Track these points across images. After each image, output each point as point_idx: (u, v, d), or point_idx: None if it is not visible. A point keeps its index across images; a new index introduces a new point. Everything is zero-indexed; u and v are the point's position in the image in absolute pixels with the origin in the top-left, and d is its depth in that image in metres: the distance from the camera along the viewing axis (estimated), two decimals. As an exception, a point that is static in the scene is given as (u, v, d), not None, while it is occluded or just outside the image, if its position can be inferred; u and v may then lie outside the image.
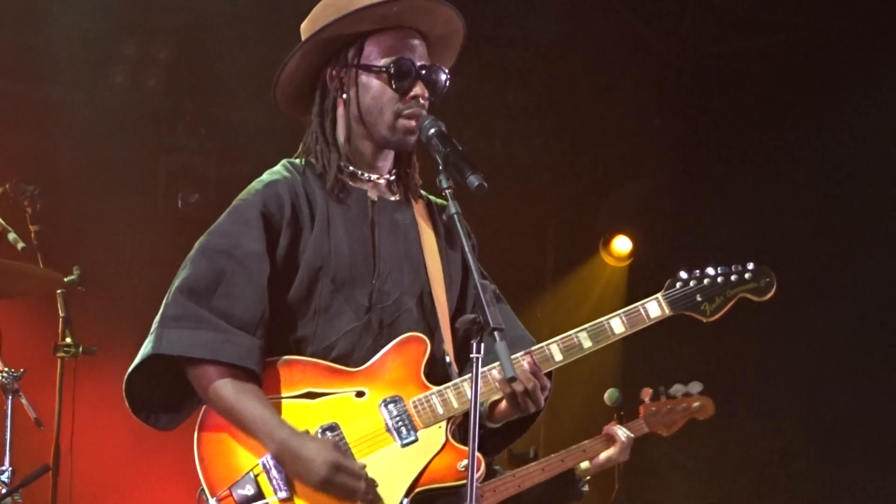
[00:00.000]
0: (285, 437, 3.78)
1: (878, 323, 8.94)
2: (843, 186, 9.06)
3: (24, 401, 6.46)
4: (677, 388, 6.44)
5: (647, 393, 6.44)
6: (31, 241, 6.85)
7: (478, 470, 3.70)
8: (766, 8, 8.89)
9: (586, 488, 6.39)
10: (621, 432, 6.31)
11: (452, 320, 4.00)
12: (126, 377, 3.86)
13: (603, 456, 6.29)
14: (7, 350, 6.61)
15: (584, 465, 6.32)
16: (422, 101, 3.95)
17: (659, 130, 9.65)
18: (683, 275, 4.14)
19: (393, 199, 4.08)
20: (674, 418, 6.44)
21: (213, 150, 8.94)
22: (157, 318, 3.84)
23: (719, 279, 4.14)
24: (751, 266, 4.18)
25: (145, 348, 3.82)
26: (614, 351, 8.65)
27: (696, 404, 6.44)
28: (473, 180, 3.65)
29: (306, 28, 4.04)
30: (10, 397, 6.43)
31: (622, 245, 10.07)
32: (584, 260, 10.14)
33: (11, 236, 6.63)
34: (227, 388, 3.80)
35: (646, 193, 9.83)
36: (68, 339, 7.00)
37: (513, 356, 3.76)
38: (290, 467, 3.78)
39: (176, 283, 3.86)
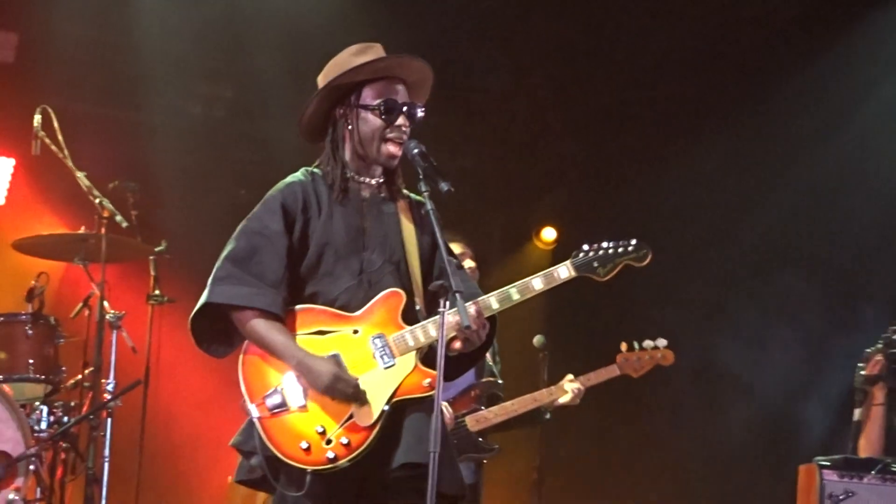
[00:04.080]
0: (301, 356, 3.81)
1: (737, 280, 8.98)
2: (711, 186, 8.95)
3: (124, 334, 6.55)
4: (648, 343, 6.15)
5: (624, 345, 6.14)
6: (133, 221, 6.88)
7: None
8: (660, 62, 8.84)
9: (548, 416, 6.17)
10: (569, 386, 6.04)
11: (423, 282, 4.00)
12: (191, 318, 3.90)
13: (560, 401, 6.04)
14: (114, 298, 6.67)
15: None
16: (404, 129, 3.97)
17: (576, 153, 9.74)
18: (585, 247, 4.07)
19: (381, 196, 4.09)
20: (642, 364, 6.14)
21: (264, 160, 8.98)
22: (211, 278, 3.89)
23: (611, 250, 4.05)
24: (633, 241, 4.10)
25: (202, 298, 3.87)
26: (542, 307, 8.71)
27: (660, 354, 6.17)
28: (444, 186, 3.75)
29: (320, 80, 4.06)
30: (115, 331, 6.53)
31: (549, 234, 10.04)
32: (521, 245, 10.13)
33: (118, 218, 6.65)
34: (259, 325, 3.83)
35: (566, 197, 9.88)
36: (157, 291, 7.08)
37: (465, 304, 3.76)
38: (305, 378, 3.81)
39: (224, 253, 3.91)
